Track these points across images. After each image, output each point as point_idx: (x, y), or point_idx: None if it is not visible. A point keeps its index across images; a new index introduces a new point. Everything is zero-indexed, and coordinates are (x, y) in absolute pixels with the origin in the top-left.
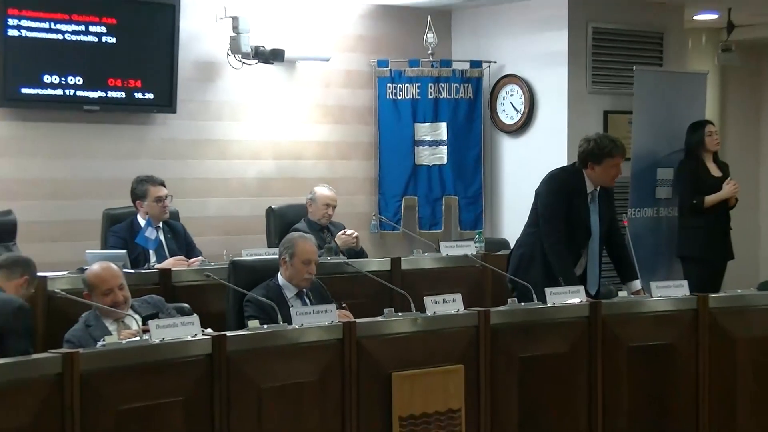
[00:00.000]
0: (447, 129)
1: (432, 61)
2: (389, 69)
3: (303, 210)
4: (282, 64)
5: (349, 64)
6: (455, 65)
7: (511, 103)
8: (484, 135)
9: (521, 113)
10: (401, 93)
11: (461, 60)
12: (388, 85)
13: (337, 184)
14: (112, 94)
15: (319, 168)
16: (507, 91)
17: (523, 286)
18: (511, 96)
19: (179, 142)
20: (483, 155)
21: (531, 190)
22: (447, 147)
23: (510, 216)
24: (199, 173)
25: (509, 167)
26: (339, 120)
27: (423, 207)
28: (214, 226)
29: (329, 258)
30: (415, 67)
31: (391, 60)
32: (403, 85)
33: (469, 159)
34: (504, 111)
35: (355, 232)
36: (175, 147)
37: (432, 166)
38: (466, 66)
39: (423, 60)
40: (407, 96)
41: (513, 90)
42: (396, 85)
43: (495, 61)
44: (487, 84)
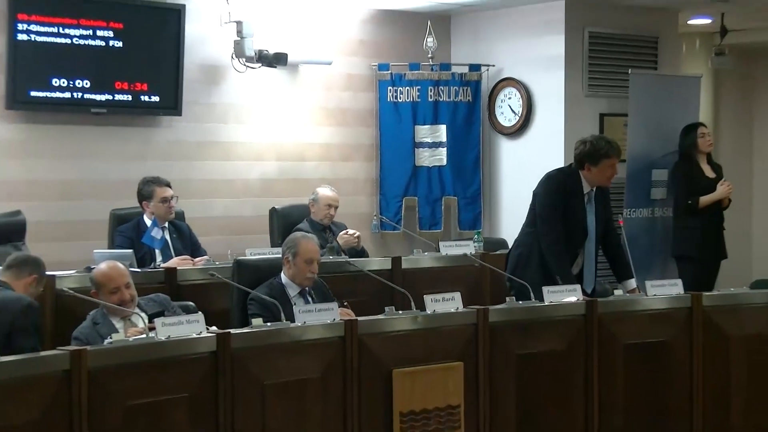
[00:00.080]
0: (446, 131)
1: (432, 64)
2: (390, 72)
3: (306, 210)
4: (285, 68)
5: (350, 67)
6: (454, 69)
7: (509, 105)
8: (482, 137)
9: (519, 116)
10: (402, 96)
11: (460, 63)
12: (389, 88)
13: (338, 185)
14: (118, 97)
15: (321, 169)
16: (505, 94)
17: (521, 284)
18: (509, 99)
19: (185, 143)
20: (482, 157)
21: (529, 191)
22: (446, 149)
23: (508, 216)
24: (204, 174)
25: (507, 168)
26: (341, 122)
27: (423, 207)
28: (218, 226)
29: (331, 257)
30: (416, 71)
31: (392, 63)
32: (403, 88)
33: (468, 160)
34: (502, 113)
35: (357, 232)
36: (180, 149)
37: (432, 167)
38: (465, 69)
39: (423, 63)
40: (407, 99)
41: (511, 93)
42: (396, 88)
43: (493, 65)
44: (486, 87)
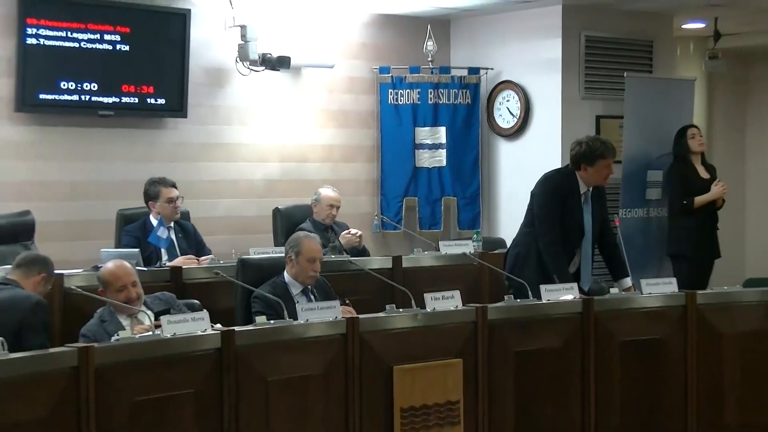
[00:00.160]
0: (446, 133)
1: (432, 67)
2: (391, 75)
3: (308, 210)
4: (288, 71)
5: (352, 70)
6: (454, 72)
7: (507, 108)
8: (481, 138)
9: (517, 118)
10: (402, 98)
11: (460, 67)
12: (390, 90)
13: (340, 186)
14: (125, 100)
15: (323, 170)
16: (503, 97)
17: (519, 283)
18: (508, 101)
19: (190, 145)
20: (480, 158)
21: (527, 192)
22: (446, 150)
23: (506, 216)
24: (209, 175)
25: (506, 169)
26: (342, 124)
27: (423, 207)
28: (223, 226)
29: (333, 256)
30: (416, 74)
31: (393, 67)
32: (404, 90)
33: (467, 161)
34: (500, 115)
35: (359, 232)
36: (185, 150)
37: (432, 168)
38: (464, 72)
39: (423, 67)
40: (408, 101)
41: (509, 95)
42: (397, 91)
43: (492, 68)
44: (485, 90)
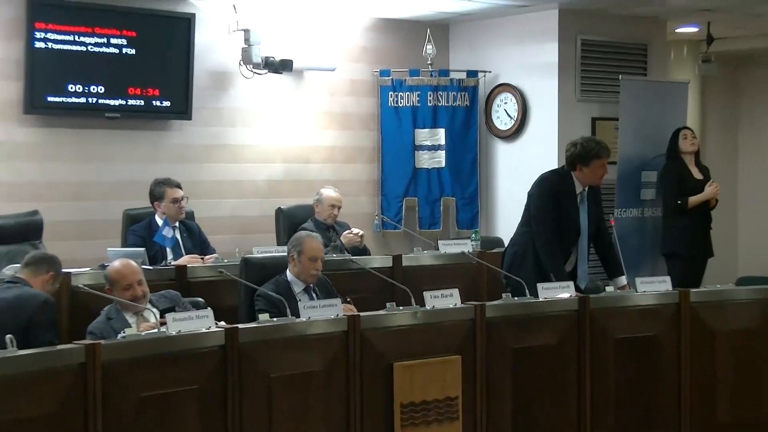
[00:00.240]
0: (445, 134)
1: (431, 71)
2: (391, 78)
3: (310, 210)
4: (290, 74)
5: (353, 73)
6: (453, 75)
7: (505, 110)
8: (479, 140)
9: (515, 120)
10: (402, 101)
11: (458, 70)
12: (390, 93)
13: (342, 186)
14: (131, 102)
15: (325, 171)
16: (501, 99)
17: (517, 281)
18: (505, 103)
19: (194, 147)
20: (479, 159)
21: (524, 192)
22: (445, 151)
23: (504, 216)
24: (213, 176)
25: (503, 170)
26: (344, 126)
27: (423, 207)
28: (226, 226)
29: (335, 255)
30: (415, 77)
31: (393, 70)
32: (404, 93)
33: (465, 162)
34: (498, 117)
35: (360, 231)
36: (190, 151)
37: (431, 169)
38: (463, 75)
39: (423, 70)
40: (408, 104)
41: (507, 98)
42: (397, 94)
43: (490, 71)
44: (483, 92)
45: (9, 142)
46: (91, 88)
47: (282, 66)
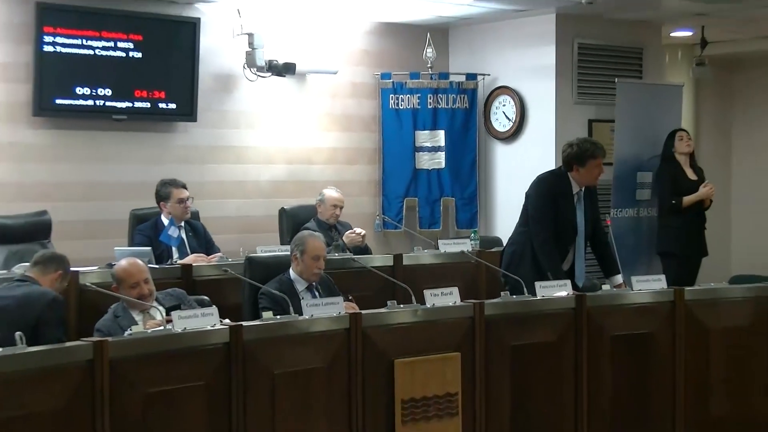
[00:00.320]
0: (445, 136)
1: (431, 73)
2: (392, 81)
3: (313, 210)
4: (293, 77)
5: (355, 76)
6: (452, 78)
7: (503, 112)
8: (478, 141)
9: (513, 122)
10: (403, 103)
11: (458, 73)
12: (391, 95)
13: (344, 187)
14: (138, 105)
15: (327, 172)
16: (500, 102)
17: (515, 280)
18: (504, 106)
19: (199, 148)
20: (478, 160)
21: (522, 192)
22: (445, 152)
23: (503, 216)
24: (218, 177)
25: (502, 171)
26: (346, 128)
27: (423, 208)
28: (231, 226)
29: (337, 254)
30: (416, 80)
31: (394, 73)
32: (404, 95)
33: (465, 163)
34: (497, 119)
35: (362, 231)
36: (195, 153)
37: (431, 170)
38: (462, 78)
39: (423, 73)
40: (408, 106)
41: (505, 100)
42: (398, 96)
43: (489, 74)
44: (482, 95)
45: (18, 143)
46: (99, 90)
47: (285, 69)
